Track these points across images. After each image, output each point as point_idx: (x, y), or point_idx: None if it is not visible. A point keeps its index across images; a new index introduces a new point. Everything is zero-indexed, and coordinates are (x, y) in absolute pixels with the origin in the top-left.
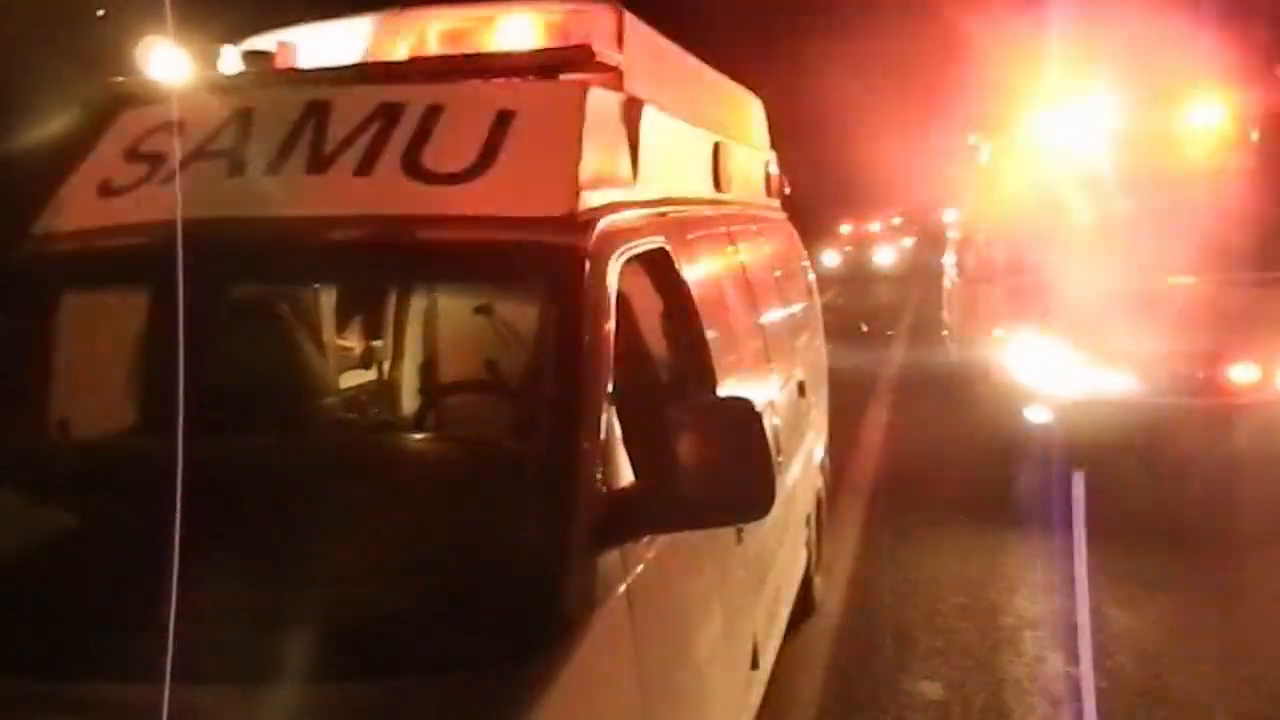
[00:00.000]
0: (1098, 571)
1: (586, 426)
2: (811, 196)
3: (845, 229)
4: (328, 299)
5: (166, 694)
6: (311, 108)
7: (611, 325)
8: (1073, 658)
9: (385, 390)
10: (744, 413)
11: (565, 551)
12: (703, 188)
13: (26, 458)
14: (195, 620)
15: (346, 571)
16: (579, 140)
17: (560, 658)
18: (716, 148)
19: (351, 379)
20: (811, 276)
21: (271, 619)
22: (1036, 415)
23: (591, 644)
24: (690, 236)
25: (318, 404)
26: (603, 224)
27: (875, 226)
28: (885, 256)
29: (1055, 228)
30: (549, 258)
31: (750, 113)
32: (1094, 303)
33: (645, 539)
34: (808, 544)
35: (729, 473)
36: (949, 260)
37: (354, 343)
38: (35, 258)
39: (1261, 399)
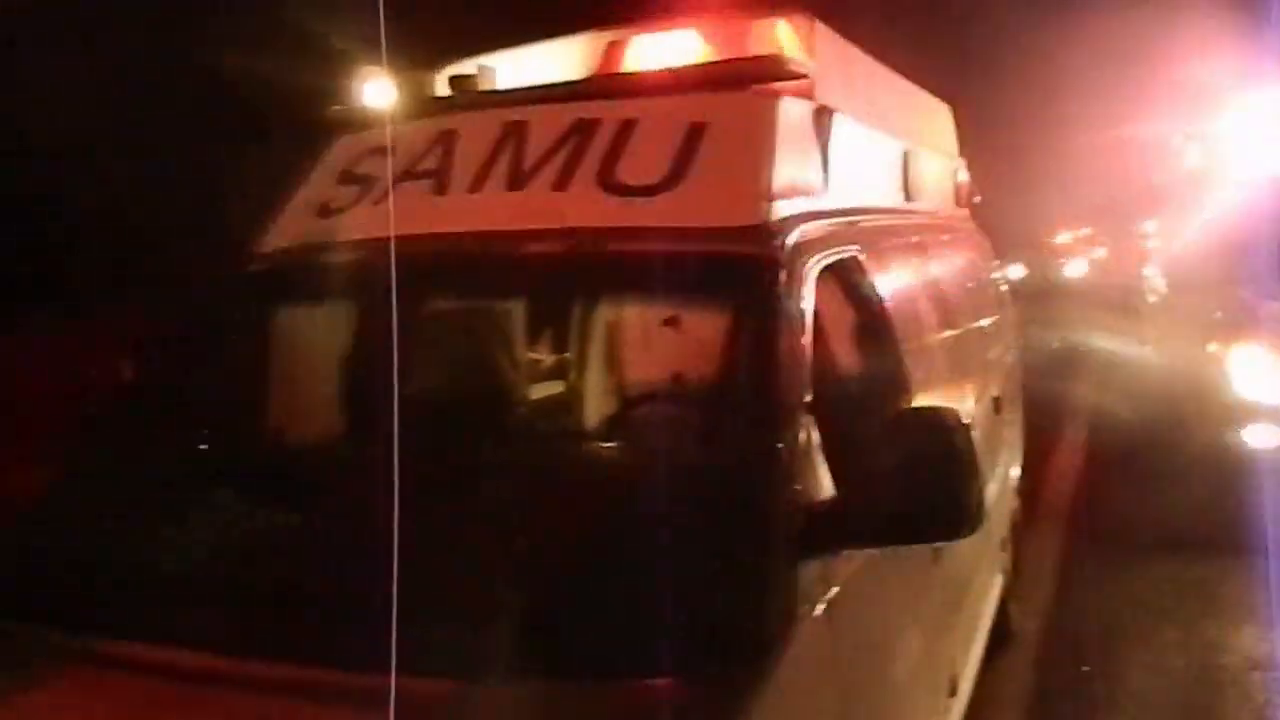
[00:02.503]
0: None
1: (785, 437)
2: (998, 207)
3: (1037, 241)
4: (519, 313)
5: (393, 684)
6: (510, 127)
7: (808, 335)
8: None
9: (574, 402)
10: (949, 423)
11: (765, 564)
12: (893, 197)
13: (246, 462)
14: (410, 616)
15: (546, 575)
16: (771, 150)
17: (763, 672)
18: (906, 156)
19: (542, 391)
20: (1005, 288)
21: (481, 618)
22: (1258, 435)
23: (793, 660)
24: (882, 246)
25: (512, 415)
26: (795, 233)
27: (1065, 238)
28: (1076, 269)
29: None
30: (743, 268)
31: (939, 120)
32: None
33: (844, 555)
34: (1003, 568)
35: (933, 487)
36: (1150, 272)
37: (544, 355)
38: (258, 274)
39: None
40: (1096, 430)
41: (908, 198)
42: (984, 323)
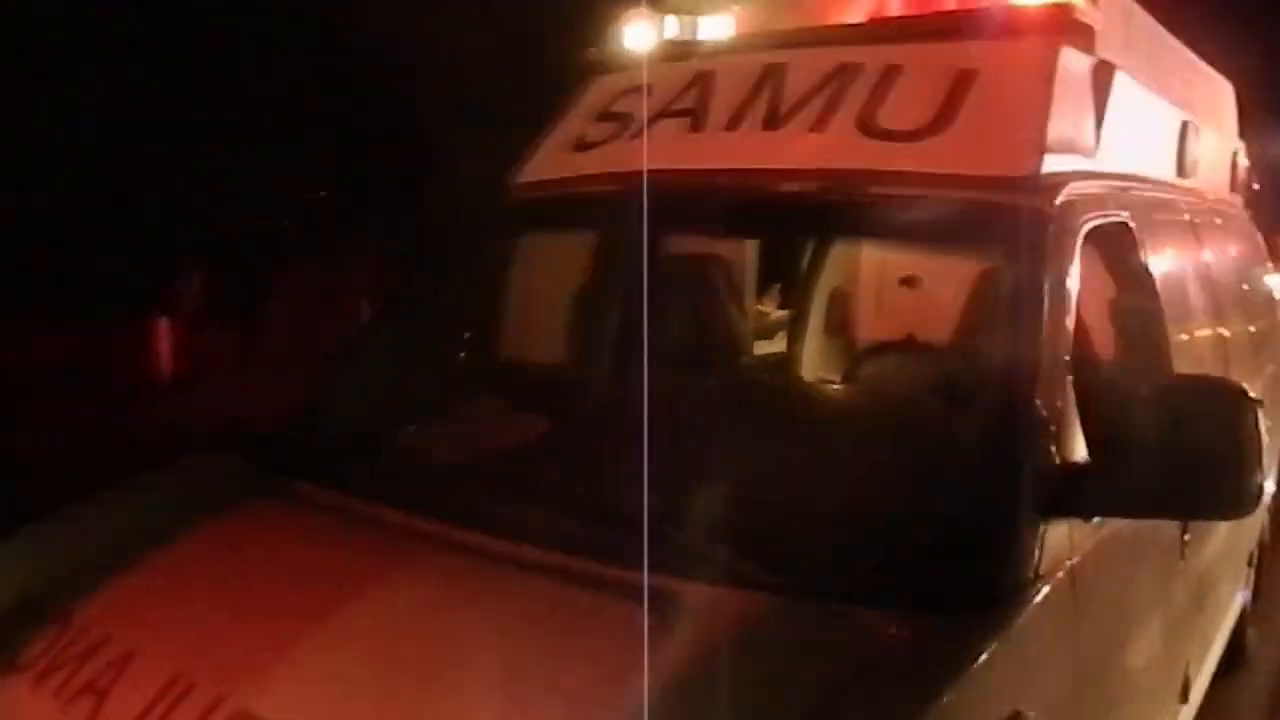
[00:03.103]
0: None
1: (1044, 393)
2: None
3: None
4: (772, 250)
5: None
6: (769, 69)
7: (1073, 294)
8: None
9: (830, 343)
10: (1235, 392)
11: (1015, 515)
12: (1165, 169)
13: (497, 372)
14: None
15: (785, 504)
16: (1047, 101)
17: (1000, 619)
18: (1184, 127)
19: (768, 345)
20: (1278, 294)
21: (734, 535)
22: None
23: (1032, 614)
24: (1153, 217)
25: (740, 358)
26: (1066, 189)
27: None
28: None
29: None
30: (1010, 217)
31: (1220, 96)
32: None
33: (1094, 522)
34: (1246, 585)
35: (1210, 458)
36: None
37: (771, 308)
38: (515, 204)
39: None
40: None
41: (1181, 173)
42: (1251, 320)
